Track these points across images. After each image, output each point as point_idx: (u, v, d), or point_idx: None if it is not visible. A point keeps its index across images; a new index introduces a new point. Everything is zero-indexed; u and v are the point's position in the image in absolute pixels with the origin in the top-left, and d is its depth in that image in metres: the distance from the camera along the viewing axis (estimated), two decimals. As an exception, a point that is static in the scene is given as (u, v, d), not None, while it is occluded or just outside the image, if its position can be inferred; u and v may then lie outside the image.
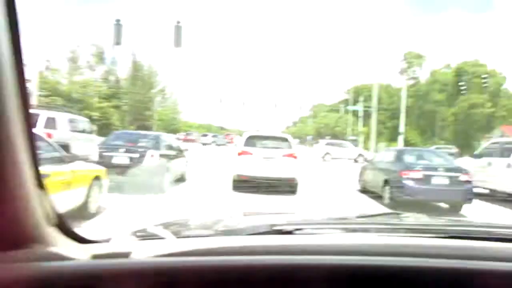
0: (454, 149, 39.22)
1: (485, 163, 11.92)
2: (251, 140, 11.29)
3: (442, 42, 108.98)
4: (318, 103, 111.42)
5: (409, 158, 10.47)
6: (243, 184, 10.89)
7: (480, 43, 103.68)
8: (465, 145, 46.03)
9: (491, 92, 48.29)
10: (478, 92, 49.21)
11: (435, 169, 9.43)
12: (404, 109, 49.10)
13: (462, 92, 37.84)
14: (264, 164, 10.68)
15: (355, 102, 65.79)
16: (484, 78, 31.38)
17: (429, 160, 10.54)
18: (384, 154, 11.88)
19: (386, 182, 10.19)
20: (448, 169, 9.46)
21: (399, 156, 10.54)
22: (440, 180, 9.24)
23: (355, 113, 65.50)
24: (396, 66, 79.94)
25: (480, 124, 51.34)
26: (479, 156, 12.50)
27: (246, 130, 12.20)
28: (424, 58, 70.91)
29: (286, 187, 10.96)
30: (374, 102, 54.34)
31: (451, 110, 54.66)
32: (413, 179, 9.29)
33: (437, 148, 30.82)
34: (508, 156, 11.10)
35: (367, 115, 62.45)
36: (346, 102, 75.70)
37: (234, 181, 11.03)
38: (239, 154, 10.92)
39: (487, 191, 11.50)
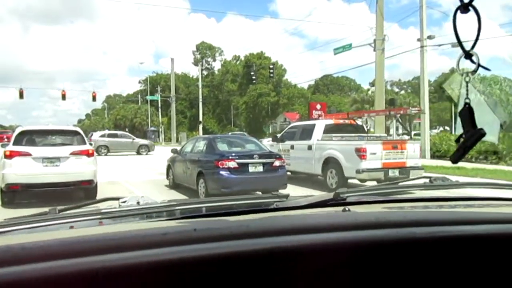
0: (247, 135, 42.09)
1: (288, 146, 12.24)
2: (25, 137, 8.50)
3: (229, 34, 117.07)
4: (113, 93, 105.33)
5: (222, 147, 9.63)
6: (17, 196, 8.16)
7: (262, 38, 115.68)
8: (256, 130, 50.28)
9: (275, 82, 54.08)
10: (264, 82, 54.43)
11: (250, 156, 8.84)
12: (201, 98, 50.48)
13: (253, 82, 40.82)
14: (46, 166, 8.14)
15: (153, 92, 64.10)
16: (271, 69, 34.24)
17: (242, 147, 9.98)
18: (193, 144, 10.78)
19: (200, 174, 9.14)
20: (262, 156, 9.01)
21: (211, 145, 9.57)
22: (255, 167, 8.71)
23: (153, 104, 63.79)
24: (190, 56, 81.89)
25: (267, 111, 57.09)
26: (282, 140, 12.79)
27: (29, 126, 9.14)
28: (216, 49, 74.68)
29: (80, 193, 8.71)
30: (172, 92, 53.85)
31: (243, 99, 58.93)
32: (229, 169, 8.48)
33: (232, 134, 32.13)
34: (308, 138, 11.57)
35: (166, 106, 61.74)
36: (143, 92, 73.21)
37: (3, 193, 8.15)
38: (7, 156, 8.01)
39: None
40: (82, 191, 8.78)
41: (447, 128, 45.99)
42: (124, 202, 1.38)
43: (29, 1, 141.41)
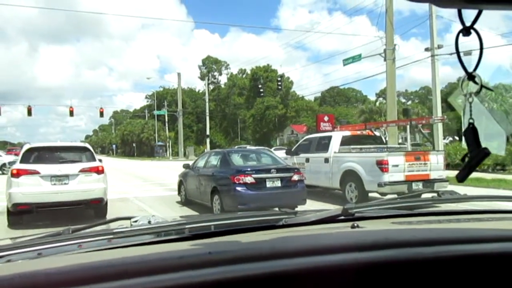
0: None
1: (303, 160, 11.80)
2: (33, 154, 8.16)
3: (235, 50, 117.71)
4: (120, 109, 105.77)
5: (237, 161, 9.21)
6: (24, 217, 7.80)
7: (267, 51, 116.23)
8: (264, 143, 49.84)
9: (282, 95, 53.78)
10: (272, 95, 54.17)
11: (267, 170, 8.40)
12: (208, 112, 50.30)
13: (261, 94, 40.57)
14: (54, 185, 7.77)
15: (160, 107, 64.15)
16: (279, 81, 33.96)
17: (258, 161, 9.56)
18: (206, 158, 10.37)
19: (214, 190, 8.72)
20: (280, 170, 8.57)
21: (225, 159, 9.16)
22: (273, 182, 8.28)
23: (160, 119, 63.78)
24: (196, 71, 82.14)
25: (274, 124, 56.73)
26: (296, 152, 12.36)
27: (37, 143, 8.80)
28: (222, 63, 74.86)
29: (90, 211, 8.33)
30: (179, 106, 53.78)
31: (250, 112, 58.68)
32: (246, 185, 8.05)
33: (239, 147, 31.69)
34: (324, 151, 11.14)
35: (173, 120, 61.62)
36: (150, 107, 73.33)
37: (10, 214, 7.78)
38: (14, 174, 7.65)
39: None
40: (92, 210, 8.39)
41: (456, 138, 45.40)
42: (136, 221, 1.40)
43: (37, 21, 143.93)
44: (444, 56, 21.64)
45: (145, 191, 14.26)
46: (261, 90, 37.26)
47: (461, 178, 0.80)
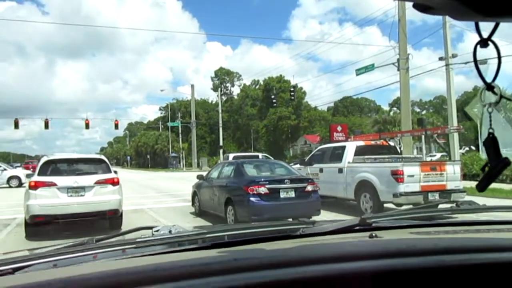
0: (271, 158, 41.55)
1: (317, 170, 11.74)
2: (50, 166, 8.30)
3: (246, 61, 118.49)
4: (135, 121, 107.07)
5: (250, 171, 9.22)
6: (43, 228, 7.89)
7: (279, 62, 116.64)
8: (277, 154, 49.77)
9: (295, 105, 53.77)
10: (284, 105, 54.21)
11: (281, 181, 8.38)
12: (221, 123, 50.55)
13: (274, 105, 40.64)
14: (71, 196, 7.87)
15: (173, 119, 64.71)
16: (292, 91, 34.00)
17: (271, 172, 9.54)
18: (220, 169, 10.40)
19: (228, 201, 8.72)
20: (294, 180, 8.54)
21: (239, 170, 9.17)
22: (287, 193, 8.25)
23: (173, 130, 64.29)
24: (208, 82, 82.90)
25: (287, 134, 56.65)
26: (309, 163, 12.31)
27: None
28: (235, 75, 75.38)
29: (105, 223, 8.40)
30: (192, 118, 54.19)
31: (263, 123, 58.76)
32: (259, 195, 8.03)
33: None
34: (338, 161, 11.07)
35: (186, 131, 62.07)
36: (164, 119, 74.03)
37: (27, 225, 7.90)
38: (32, 186, 7.78)
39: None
40: (107, 221, 8.47)
41: (473, 147, 44.51)
42: (157, 231, 1.42)
43: (54, 36, 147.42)
44: (459, 65, 21.48)
45: (160, 202, 14.34)
46: (274, 100, 37.31)
47: (481, 188, 0.80)
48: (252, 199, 7.99)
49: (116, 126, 44.23)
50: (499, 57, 0.77)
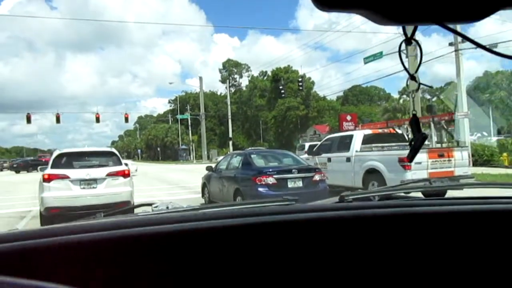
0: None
1: (325, 159, 11.80)
2: (63, 159, 8.51)
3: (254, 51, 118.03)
4: (145, 114, 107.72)
5: (258, 162, 9.33)
6: (57, 220, 8.09)
7: (287, 52, 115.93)
8: (286, 145, 49.76)
9: (303, 95, 53.54)
10: (293, 96, 54.02)
11: (289, 171, 8.48)
12: (230, 115, 50.65)
13: (282, 95, 40.57)
14: (83, 188, 8.08)
15: (182, 111, 64.99)
16: (300, 82, 33.91)
17: (279, 162, 9.64)
18: (228, 160, 10.52)
19: (237, 192, 8.86)
20: (301, 170, 8.64)
21: (247, 161, 9.29)
22: (295, 183, 8.35)
23: (183, 123, 64.62)
24: (217, 74, 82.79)
25: (296, 125, 56.50)
26: (318, 153, 12.37)
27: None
28: (243, 66, 75.24)
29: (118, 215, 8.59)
30: (201, 110, 54.37)
31: (271, 114, 58.67)
32: (267, 185, 8.16)
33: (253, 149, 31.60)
34: (346, 150, 11.11)
35: (196, 124, 62.37)
36: (173, 112, 74.40)
37: (42, 217, 8.13)
38: (46, 179, 8.01)
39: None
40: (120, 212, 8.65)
41: (485, 133, 43.94)
42: (156, 207, 1.62)
43: (63, 32, 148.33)
44: (469, 50, 21.22)
45: (170, 194, 14.56)
46: (282, 91, 37.28)
47: (410, 159, 0.98)
48: (260, 189, 8.12)
49: (126, 120, 44.60)
50: (421, 54, 0.95)
